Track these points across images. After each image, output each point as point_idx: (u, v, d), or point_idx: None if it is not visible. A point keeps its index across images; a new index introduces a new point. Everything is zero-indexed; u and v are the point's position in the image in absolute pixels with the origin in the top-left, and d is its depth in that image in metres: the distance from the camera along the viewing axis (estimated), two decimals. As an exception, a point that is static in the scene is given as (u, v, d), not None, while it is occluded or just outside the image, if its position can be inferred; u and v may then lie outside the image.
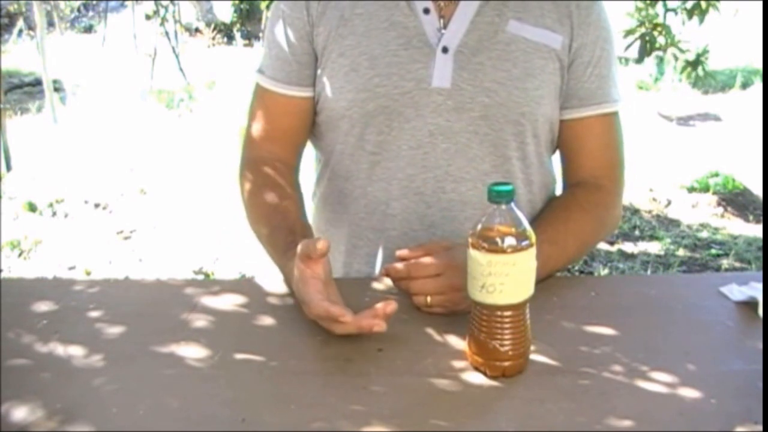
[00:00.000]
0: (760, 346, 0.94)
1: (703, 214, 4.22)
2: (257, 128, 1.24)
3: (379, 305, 0.91)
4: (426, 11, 1.15)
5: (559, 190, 1.31)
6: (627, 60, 7.29)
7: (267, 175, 1.21)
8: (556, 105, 1.20)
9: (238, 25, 10.73)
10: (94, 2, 11.67)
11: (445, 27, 1.15)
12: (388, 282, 1.13)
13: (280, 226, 1.12)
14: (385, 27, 1.15)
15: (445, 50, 1.14)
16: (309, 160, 1.32)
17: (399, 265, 1.03)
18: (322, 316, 0.93)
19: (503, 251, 0.85)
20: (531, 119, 1.17)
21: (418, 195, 1.18)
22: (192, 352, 0.94)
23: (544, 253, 1.08)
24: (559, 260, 1.14)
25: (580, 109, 1.21)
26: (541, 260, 1.07)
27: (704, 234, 3.92)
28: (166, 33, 7.72)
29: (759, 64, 7.91)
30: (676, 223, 4.11)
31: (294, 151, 1.26)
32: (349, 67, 1.15)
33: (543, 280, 1.06)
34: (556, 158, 1.30)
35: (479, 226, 0.87)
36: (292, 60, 1.20)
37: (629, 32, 3.38)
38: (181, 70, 7.61)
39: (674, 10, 3.41)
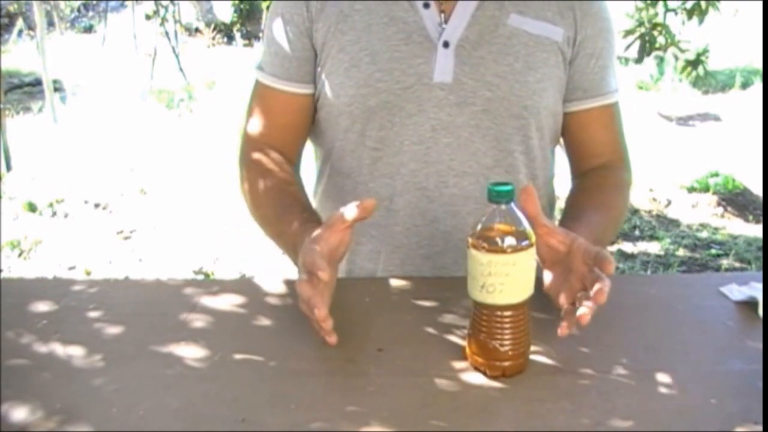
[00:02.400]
0: (760, 346, 0.94)
1: (703, 214, 4.22)
2: (257, 125, 1.24)
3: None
4: (426, 6, 1.15)
5: (558, 189, 1.31)
6: (627, 60, 7.30)
7: (269, 166, 1.21)
8: (559, 97, 1.20)
9: (238, 25, 10.74)
10: (94, 2, 11.67)
11: (445, 22, 1.15)
12: (389, 282, 1.13)
13: (293, 204, 1.14)
14: (385, 22, 1.15)
15: (446, 45, 1.14)
16: (309, 159, 1.32)
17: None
18: (307, 266, 0.90)
19: (503, 251, 0.85)
20: (534, 112, 1.17)
21: (421, 190, 1.18)
22: (192, 352, 0.94)
23: (591, 236, 1.02)
24: (602, 245, 1.15)
25: (585, 100, 1.21)
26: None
27: (704, 234, 3.92)
28: (166, 33, 7.72)
29: (759, 64, 7.91)
30: (676, 223, 4.11)
31: (294, 148, 1.26)
32: (350, 63, 1.15)
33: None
34: (559, 151, 1.30)
35: (479, 226, 0.87)
36: (292, 56, 1.19)
37: (629, 32, 3.38)
38: (181, 70, 7.61)
39: (674, 11, 3.41)
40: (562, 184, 1.28)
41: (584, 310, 0.86)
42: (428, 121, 1.15)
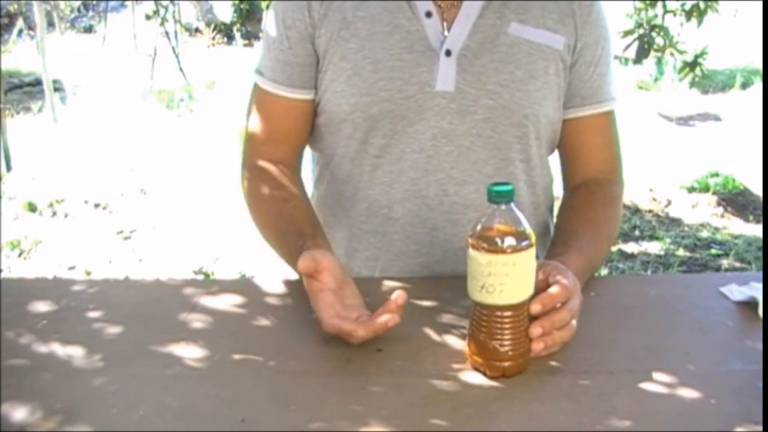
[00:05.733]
0: (760, 346, 0.94)
1: (703, 214, 4.22)
2: (257, 131, 1.23)
3: (392, 297, 0.91)
4: (428, 14, 1.15)
5: (557, 190, 1.31)
6: (626, 60, 7.30)
7: (270, 177, 1.20)
8: (557, 106, 1.20)
9: (238, 25, 10.74)
10: (94, 2, 11.67)
11: (447, 30, 1.15)
12: (387, 283, 1.13)
13: (289, 231, 1.12)
14: (388, 30, 1.14)
15: (448, 53, 1.13)
16: (306, 162, 1.32)
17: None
18: (334, 333, 0.94)
19: (503, 251, 0.85)
20: (534, 121, 1.17)
21: (421, 198, 1.17)
22: (191, 352, 0.94)
23: (584, 258, 1.09)
24: (597, 262, 1.16)
25: (583, 108, 1.22)
26: (582, 266, 1.05)
27: (704, 234, 3.92)
28: (166, 33, 7.71)
29: (759, 64, 7.92)
30: (676, 223, 4.11)
31: (295, 153, 1.26)
32: (352, 71, 1.14)
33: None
34: (553, 157, 1.30)
35: (479, 227, 0.87)
36: (294, 62, 1.19)
37: (627, 33, 3.38)
38: (181, 70, 7.60)
39: (673, 12, 3.41)
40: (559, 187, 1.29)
41: (540, 345, 0.89)
42: (429, 130, 1.15)
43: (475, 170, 1.16)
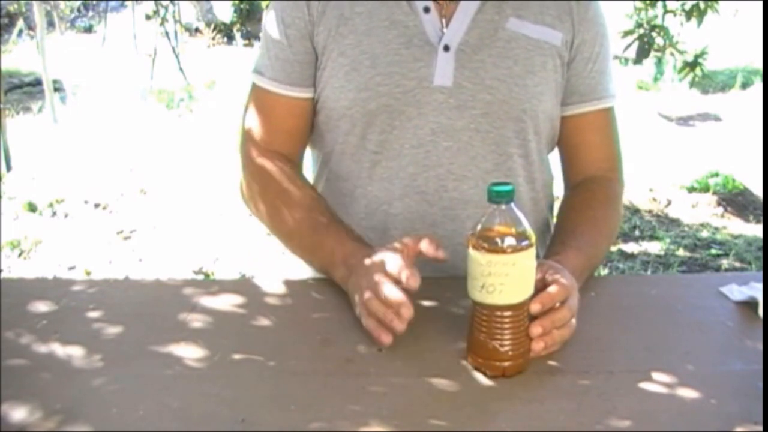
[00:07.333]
0: (760, 346, 0.94)
1: (703, 214, 4.22)
2: (258, 131, 1.23)
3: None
4: (426, 10, 1.15)
5: (557, 190, 1.31)
6: (626, 60, 7.30)
7: (281, 172, 1.20)
8: (556, 101, 1.20)
9: (238, 25, 10.74)
10: (94, 2, 11.66)
11: (446, 26, 1.15)
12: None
13: (331, 222, 1.14)
14: (385, 26, 1.15)
15: (446, 48, 1.14)
16: (306, 162, 1.32)
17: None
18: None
19: (503, 251, 0.85)
20: (532, 116, 1.17)
21: (420, 194, 1.18)
22: (191, 352, 0.94)
23: (583, 257, 1.09)
24: (596, 261, 1.17)
25: (581, 104, 1.22)
26: (580, 264, 1.06)
27: (704, 234, 3.92)
28: (166, 33, 7.70)
29: (759, 64, 7.92)
30: (676, 223, 4.11)
31: (296, 152, 1.26)
32: (350, 67, 1.15)
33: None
34: (554, 156, 1.30)
35: (479, 227, 0.87)
36: (294, 60, 1.19)
37: (627, 33, 3.39)
38: (181, 70, 7.60)
39: (673, 12, 3.41)
40: (560, 186, 1.29)
41: (540, 345, 0.90)
42: (428, 125, 1.15)
43: (474, 165, 1.17)
